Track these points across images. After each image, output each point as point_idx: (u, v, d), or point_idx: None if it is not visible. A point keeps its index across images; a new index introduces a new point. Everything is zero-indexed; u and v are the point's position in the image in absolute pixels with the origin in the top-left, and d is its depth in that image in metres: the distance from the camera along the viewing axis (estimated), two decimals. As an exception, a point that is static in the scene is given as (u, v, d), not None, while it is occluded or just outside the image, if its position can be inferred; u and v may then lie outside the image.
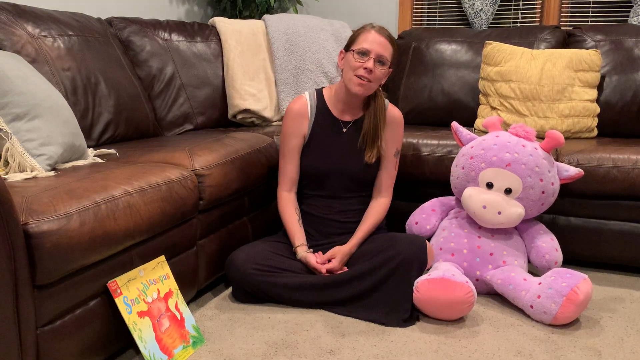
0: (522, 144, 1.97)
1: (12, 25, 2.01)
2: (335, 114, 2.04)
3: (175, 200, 1.67)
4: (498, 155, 1.96)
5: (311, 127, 2.03)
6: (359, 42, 1.93)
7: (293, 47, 2.82)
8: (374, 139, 2.00)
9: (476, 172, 2.00)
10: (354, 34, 1.98)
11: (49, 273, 1.25)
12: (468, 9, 3.30)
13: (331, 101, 2.05)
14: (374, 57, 1.90)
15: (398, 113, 2.07)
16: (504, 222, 1.95)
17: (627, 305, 1.95)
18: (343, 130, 2.03)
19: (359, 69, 1.90)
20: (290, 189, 2.05)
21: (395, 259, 1.82)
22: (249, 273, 1.86)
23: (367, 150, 2.00)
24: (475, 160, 2.01)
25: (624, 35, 2.66)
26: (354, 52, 1.92)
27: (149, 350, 1.48)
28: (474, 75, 2.77)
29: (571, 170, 2.00)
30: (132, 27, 2.57)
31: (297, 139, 2.03)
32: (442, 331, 1.75)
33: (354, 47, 1.93)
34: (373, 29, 1.94)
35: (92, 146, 2.11)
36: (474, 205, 1.95)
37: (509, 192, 1.95)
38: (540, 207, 2.00)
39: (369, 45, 1.90)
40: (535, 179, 1.94)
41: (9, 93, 1.58)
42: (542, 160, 1.95)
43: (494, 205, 1.93)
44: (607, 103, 2.57)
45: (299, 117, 2.02)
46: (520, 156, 1.94)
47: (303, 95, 2.06)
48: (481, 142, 2.04)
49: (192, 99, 2.65)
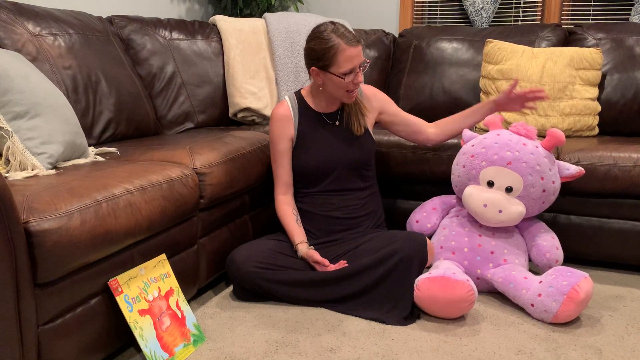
0: (523, 143, 1.97)
1: (12, 24, 2.01)
2: (317, 110, 2.07)
3: (176, 198, 1.67)
4: (499, 154, 1.96)
5: (297, 127, 2.05)
6: (339, 64, 1.89)
7: (294, 46, 2.82)
8: (357, 111, 2.07)
9: (477, 170, 2.00)
10: (328, 53, 1.88)
11: (50, 271, 1.25)
12: (469, 7, 3.30)
13: (311, 99, 2.08)
14: (359, 69, 1.93)
15: (368, 87, 2.16)
16: (505, 221, 1.95)
17: (627, 303, 1.95)
18: (334, 123, 2.06)
19: (349, 86, 1.94)
20: (285, 192, 2.06)
21: (396, 256, 1.82)
22: (250, 271, 1.86)
23: (354, 124, 2.05)
24: (476, 158, 2.01)
25: (625, 33, 2.65)
26: (339, 77, 1.91)
27: (149, 349, 1.48)
28: (475, 73, 2.76)
29: (572, 169, 2.00)
30: (132, 25, 2.57)
31: (285, 142, 2.04)
32: (443, 329, 1.75)
33: (336, 71, 1.90)
34: (345, 44, 1.87)
35: (92, 145, 2.12)
36: (475, 204, 1.95)
37: (510, 191, 1.95)
38: (541, 206, 2.00)
39: (353, 63, 1.90)
40: (536, 177, 1.94)
41: (10, 91, 1.59)
42: (543, 159, 1.95)
43: (495, 204, 1.93)
44: (608, 101, 2.57)
45: (283, 121, 2.04)
46: (521, 154, 1.94)
47: (284, 99, 2.09)
48: (482, 140, 2.04)
49: (192, 98, 2.65)
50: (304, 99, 2.09)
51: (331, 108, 2.08)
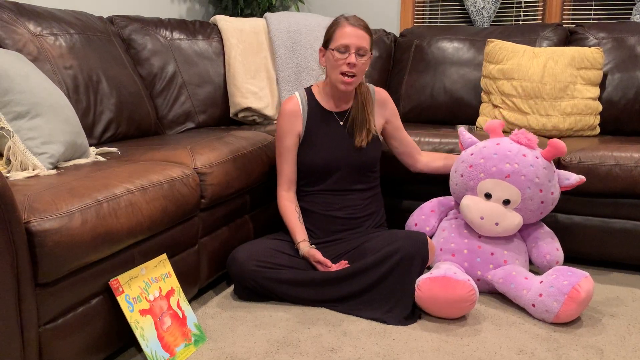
0: (523, 154, 1.93)
1: (13, 24, 2.01)
2: (327, 109, 2.06)
3: (177, 198, 1.67)
4: (498, 166, 1.94)
5: (305, 124, 2.04)
6: (336, 38, 1.94)
7: (294, 45, 2.82)
8: (362, 123, 2.05)
9: (475, 181, 1.98)
10: (329, 30, 1.98)
11: (51, 271, 1.26)
12: (470, 6, 3.30)
13: (321, 97, 2.08)
14: (353, 50, 1.92)
15: (383, 91, 2.16)
16: (502, 232, 1.95)
17: (629, 303, 1.95)
18: (340, 123, 2.05)
19: (342, 66, 1.92)
20: (288, 189, 2.06)
21: (397, 255, 1.82)
22: (251, 270, 1.86)
23: (357, 135, 2.04)
24: (474, 169, 1.99)
25: (626, 33, 2.65)
26: (333, 51, 1.93)
27: (150, 349, 1.48)
28: (476, 73, 2.76)
29: (572, 179, 1.97)
30: (133, 25, 2.57)
31: (292, 138, 2.03)
32: (444, 329, 1.75)
33: (333, 45, 1.94)
34: (347, 22, 1.95)
35: (93, 144, 2.12)
36: (472, 215, 1.95)
37: (508, 203, 1.94)
38: (538, 216, 1.99)
39: (347, 40, 1.92)
40: (535, 190, 1.92)
41: (11, 91, 1.59)
42: (543, 170, 1.92)
43: (492, 217, 1.92)
44: (609, 101, 2.57)
45: (292, 116, 2.04)
46: (520, 167, 1.91)
47: (294, 95, 2.08)
48: (481, 149, 2.00)
49: (193, 97, 2.65)
50: (314, 96, 2.08)
51: (341, 107, 2.08)
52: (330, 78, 2.00)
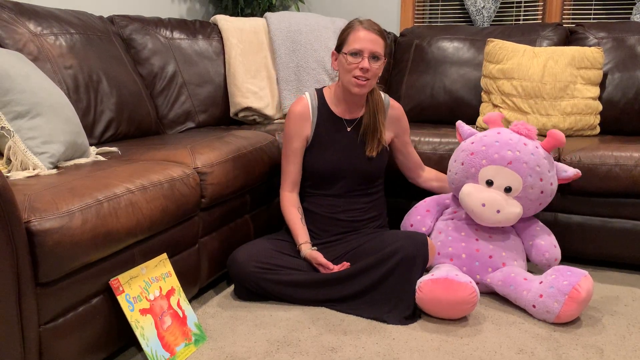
0: (523, 142, 1.96)
1: (14, 24, 2.01)
2: (337, 114, 2.04)
3: (177, 198, 1.67)
4: (500, 153, 1.95)
5: (314, 128, 2.03)
6: (349, 43, 1.92)
7: (295, 45, 2.82)
8: (374, 132, 2.03)
9: (476, 168, 1.98)
10: (343, 34, 1.96)
11: (52, 271, 1.26)
12: (470, 6, 3.30)
13: (332, 101, 2.05)
14: (367, 55, 1.90)
15: (398, 107, 2.14)
16: (502, 221, 1.94)
17: (629, 303, 1.95)
18: (347, 130, 2.03)
19: (354, 70, 1.90)
20: (292, 190, 2.06)
21: (397, 255, 1.82)
22: (251, 271, 1.86)
23: (368, 144, 2.02)
24: (476, 156, 1.99)
25: (626, 32, 2.65)
26: (346, 55, 1.91)
27: (151, 348, 1.48)
28: (476, 72, 2.76)
29: (569, 171, 1.99)
30: (133, 25, 2.57)
31: (300, 141, 2.03)
32: (444, 329, 1.75)
33: (346, 49, 1.92)
34: (361, 26, 1.92)
35: (94, 144, 2.12)
36: (473, 203, 1.94)
37: (509, 191, 1.94)
38: (537, 207, 1.99)
39: (361, 44, 1.89)
40: (536, 178, 1.93)
41: (11, 91, 1.59)
42: (543, 160, 1.94)
43: (493, 204, 1.92)
44: (609, 101, 2.57)
45: (301, 119, 2.02)
46: (522, 154, 1.93)
47: (304, 96, 2.06)
48: (482, 138, 2.01)
49: (193, 97, 2.65)
50: (324, 99, 2.06)
51: (351, 114, 2.05)
52: (342, 81, 1.97)
